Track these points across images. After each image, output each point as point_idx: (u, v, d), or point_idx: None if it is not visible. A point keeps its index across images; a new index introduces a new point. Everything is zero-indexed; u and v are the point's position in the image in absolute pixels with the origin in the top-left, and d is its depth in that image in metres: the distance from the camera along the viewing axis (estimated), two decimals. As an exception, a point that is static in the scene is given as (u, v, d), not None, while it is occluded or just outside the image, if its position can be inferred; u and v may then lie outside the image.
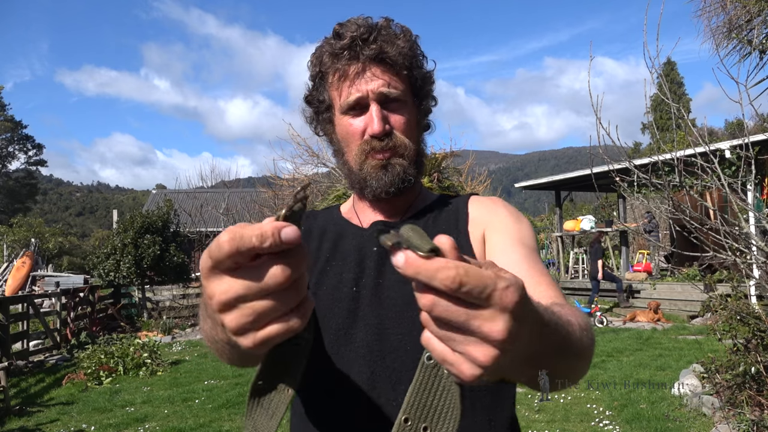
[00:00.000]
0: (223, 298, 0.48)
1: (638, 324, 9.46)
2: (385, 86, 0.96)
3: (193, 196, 21.94)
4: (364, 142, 0.98)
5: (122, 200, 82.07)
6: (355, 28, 0.95)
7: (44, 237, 26.96)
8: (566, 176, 14.10)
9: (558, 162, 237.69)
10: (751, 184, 3.87)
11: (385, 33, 0.96)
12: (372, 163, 0.98)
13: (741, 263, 3.40)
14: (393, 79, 0.97)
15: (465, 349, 0.45)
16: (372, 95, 0.96)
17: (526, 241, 0.95)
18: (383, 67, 0.96)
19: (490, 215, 1.00)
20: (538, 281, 0.85)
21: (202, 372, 7.42)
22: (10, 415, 5.66)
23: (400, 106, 0.98)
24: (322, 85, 1.01)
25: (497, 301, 0.43)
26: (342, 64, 0.96)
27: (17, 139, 46.96)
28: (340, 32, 0.96)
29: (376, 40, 0.95)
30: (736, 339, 4.49)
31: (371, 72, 0.96)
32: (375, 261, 0.97)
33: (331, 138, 1.05)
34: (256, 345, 0.49)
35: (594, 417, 4.80)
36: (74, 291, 10.32)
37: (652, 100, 16.90)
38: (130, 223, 12.53)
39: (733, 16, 5.04)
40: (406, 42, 0.97)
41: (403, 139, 0.98)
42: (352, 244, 1.00)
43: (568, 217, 17.38)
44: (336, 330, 0.93)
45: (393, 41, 0.96)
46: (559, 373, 0.64)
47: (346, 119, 0.99)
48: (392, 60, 0.96)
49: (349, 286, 0.95)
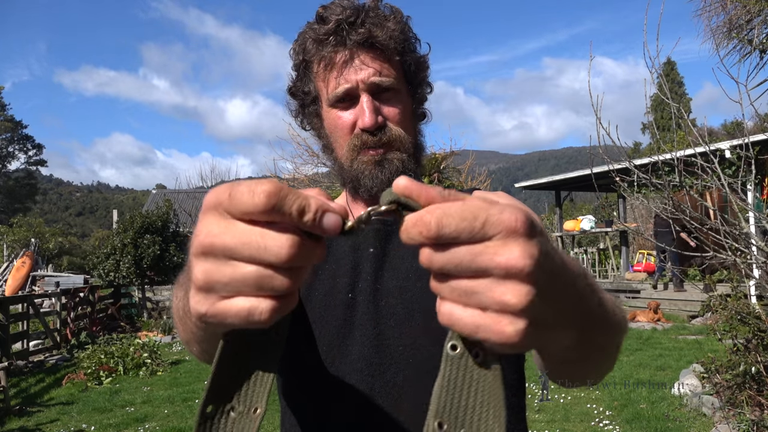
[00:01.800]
0: (208, 240, 0.39)
1: (638, 324, 9.46)
2: (376, 75, 0.87)
3: (193, 196, 21.97)
4: (354, 136, 0.89)
5: (122, 200, 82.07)
6: (340, 11, 0.87)
7: (44, 237, 26.96)
8: (566, 176, 14.10)
9: (558, 162, 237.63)
10: (751, 184, 3.87)
11: (373, 15, 0.88)
12: (364, 159, 0.89)
13: (741, 263, 3.40)
14: (384, 66, 0.88)
15: (492, 298, 0.37)
16: (362, 85, 0.87)
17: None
18: (373, 53, 0.87)
19: None
20: None
21: (202, 372, 7.42)
22: (10, 415, 5.66)
23: (394, 96, 0.90)
24: (307, 75, 0.92)
25: (497, 226, 0.37)
26: (327, 51, 0.87)
27: (17, 139, 46.99)
28: (324, 15, 0.88)
29: (364, 23, 0.87)
30: (736, 339, 4.49)
31: (360, 59, 0.87)
32: (372, 264, 0.88)
33: (319, 132, 0.96)
34: (209, 314, 0.41)
35: (594, 417, 4.80)
36: (74, 291, 10.32)
37: (652, 100, 16.90)
38: (130, 223, 12.53)
39: (733, 16, 5.04)
40: (396, 24, 0.89)
41: (398, 131, 0.89)
42: (347, 244, 0.91)
43: (568, 217, 17.38)
44: (330, 341, 0.84)
45: (383, 24, 0.88)
46: (596, 348, 0.57)
47: (335, 112, 0.90)
48: (382, 45, 0.87)
49: (344, 293, 0.87)
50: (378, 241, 0.90)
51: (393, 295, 0.86)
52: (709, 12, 5.31)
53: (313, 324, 0.86)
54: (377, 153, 0.89)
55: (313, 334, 0.85)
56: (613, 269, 13.98)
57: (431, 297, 0.44)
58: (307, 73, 0.92)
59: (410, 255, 0.87)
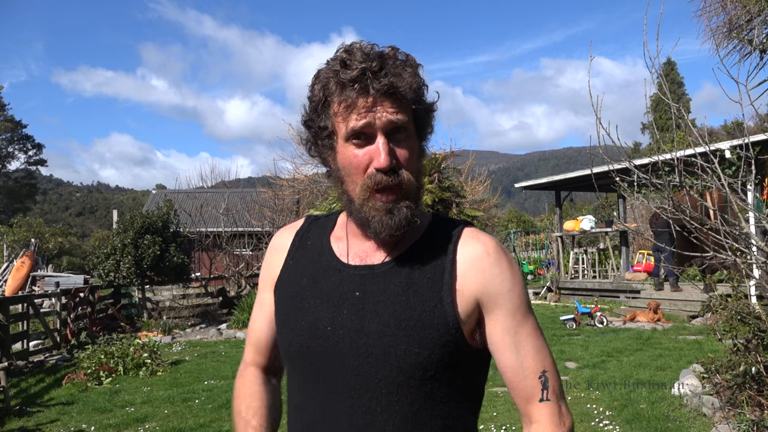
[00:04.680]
0: None
1: (638, 324, 9.46)
2: (394, 116, 0.94)
3: (193, 196, 21.92)
4: (368, 177, 0.95)
5: (122, 200, 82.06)
6: (363, 58, 0.94)
7: (44, 237, 26.96)
8: (566, 176, 14.10)
9: (558, 162, 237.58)
10: (751, 184, 3.87)
11: (392, 64, 0.95)
12: (377, 206, 0.96)
13: (741, 263, 3.40)
14: (400, 110, 0.95)
15: None
16: (380, 125, 0.94)
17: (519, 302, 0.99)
18: (391, 99, 0.94)
19: (482, 277, 0.98)
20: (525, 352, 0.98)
21: (202, 372, 7.42)
22: (10, 415, 5.66)
23: (405, 138, 0.97)
24: (325, 112, 0.98)
25: None
26: (350, 94, 0.94)
27: (17, 139, 46.94)
28: (348, 62, 0.94)
29: (387, 74, 0.94)
30: (736, 339, 4.48)
31: (381, 105, 0.94)
32: (355, 306, 0.97)
33: (329, 162, 1.03)
34: None
35: (594, 417, 4.80)
36: (74, 291, 10.32)
37: (652, 100, 16.89)
38: (130, 223, 12.52)
39: (733, 16, 5.03)
40: (412, 73, 0.97)
41: (409, 176, 0.96)
42: (332, 282, 1.01)
43: (568, 217, 17.38)
44: (312, 367, 0.98)
45: (401, 74, 0.95)
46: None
47: (351, 149, 0.96)
48: (401, 95, 0.95)
49: (324, 325, 0.98)
50: (364, 284, 0.99)
51: (373, 336, 0.95)
52: (709, 12, 5.31)
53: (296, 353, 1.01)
54: (389, 200, 0.96)
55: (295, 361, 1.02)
56: (613, 269, 13.97)
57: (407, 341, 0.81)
58: (326, 110, 0.98)
59: (392, 301, 0.96)
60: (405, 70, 0.96)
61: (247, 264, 15.63)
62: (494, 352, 0.99)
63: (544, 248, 21.93)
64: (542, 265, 18.66)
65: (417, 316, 0.94)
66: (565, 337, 8.54)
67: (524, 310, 0.99)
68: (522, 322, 0.98)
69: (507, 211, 40.43)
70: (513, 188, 19.02)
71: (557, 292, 13.82)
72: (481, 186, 20.83)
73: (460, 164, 19.13)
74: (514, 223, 34.13)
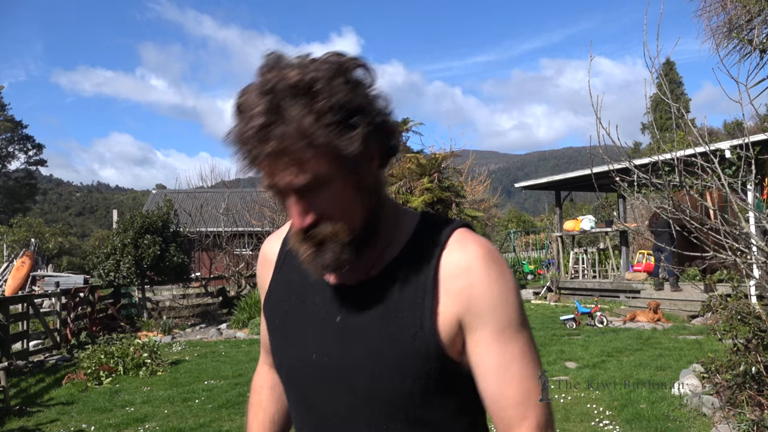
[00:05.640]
0: None
1: (638, 324, 9.45)
2: (294, 179, 0.80)
3: (193, 196, 21.90)
4: (292, 226, 0.90)
5: (122, 200, 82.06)
6: (249, 114, 0.78)
7: (44, 237, 26.98)
8: (566, 176, 14.10)
9: (558, 162, 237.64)
10: (751, 184, 3.86)
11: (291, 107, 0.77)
12: (302, 249, 0.88)
13: (741, 263, 3.40)
14: (302, 171, 0.80)
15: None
16: (283, 187, 0.82)
17: (508, 320, 0.89)
18: (288, 160, 0.79)
19: (465, 295, 0.88)
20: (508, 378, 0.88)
21: (202, 372, 7.42)
22: (10, 415, 5.66)
23: (324, 189, 0.83)
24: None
25: None
26: (250, 149, 0.80)
27: (17, 139, 46.94)
28: (238, 116, 0.81)
29: (275, 135, 0.77)
30: (737, 339, 4.48)
31: (277, 168, 0.80)
32: (338, 333, 0.93)
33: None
34: None
35: (594, 417, 4.80)
36: (74, 291, 10.32)
37: (652, 100, 16.88)
38: (130, 223, 12.52)
39: (733, 16, 5.04)
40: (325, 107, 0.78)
41: (332, 227, 0.85)
42: (317, 303, 0.96)
43: (568, 217, 17.37)
44: (302, 392, 0.98)
45: (302, 120, 0.77)
46: None
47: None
48: (296, 153, 0.79)
49: (310, 352, 0.95)
50: (343, 308, 0.94)
51: (355, 370, 0.91)
52: (709, 12, 5.31)
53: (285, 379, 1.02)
54: (311, 250, 0.87)
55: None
56: (613, 269, 13.98)
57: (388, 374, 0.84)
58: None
59: (370, 329, 0.91)
60: (311, 108, 0.77)
61: (247, 264, 15.64)
62: (474, 375, 0.91)
63: (544, 248, 21.95)
64: (542, 265, 18.67)
65: (396, 346, 0.88)
66: (565, 337, 8.54)
67: (515, 327, 0.89)
68: (510, 342, 0.88)
69: (507, 211, 40.45)
70: (513, 188, 19.02)
71: (557, 291, 13.82)
72: (481, 186, 20.85)
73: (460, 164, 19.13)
74: (514, 223, 34.16)
